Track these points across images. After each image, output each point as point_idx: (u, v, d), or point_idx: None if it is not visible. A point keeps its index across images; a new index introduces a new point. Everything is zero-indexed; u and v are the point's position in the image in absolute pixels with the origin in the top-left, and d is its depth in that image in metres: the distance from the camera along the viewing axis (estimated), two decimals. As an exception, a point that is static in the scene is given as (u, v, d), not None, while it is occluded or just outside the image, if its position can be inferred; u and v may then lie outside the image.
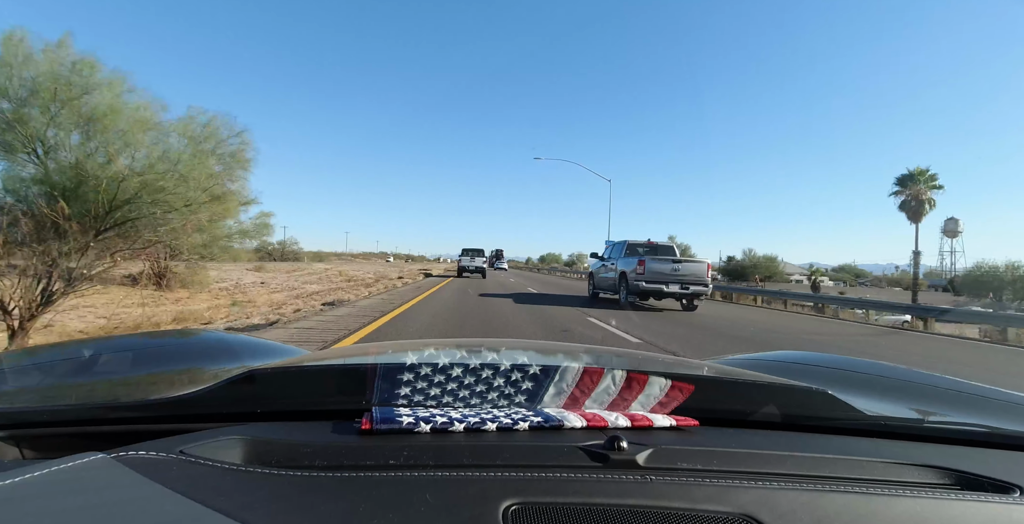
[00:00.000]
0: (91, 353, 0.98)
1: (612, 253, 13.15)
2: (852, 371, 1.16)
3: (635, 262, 11.03)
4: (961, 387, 1.04)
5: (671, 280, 10.78)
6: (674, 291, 10.84)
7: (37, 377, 0.86)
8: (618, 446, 0.54)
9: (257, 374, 0.65)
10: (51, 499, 0.41)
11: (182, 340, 1.28)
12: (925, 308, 13.31)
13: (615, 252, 12.92)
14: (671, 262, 10.96)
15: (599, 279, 13.70)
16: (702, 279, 10.96)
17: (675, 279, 10.80)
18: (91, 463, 0.47)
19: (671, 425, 0.66)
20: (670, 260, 11.05)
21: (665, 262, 10.94)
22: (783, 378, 0.85)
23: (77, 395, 0.74)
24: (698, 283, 10.95)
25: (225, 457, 0.51)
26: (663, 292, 10.82)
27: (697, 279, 10.93)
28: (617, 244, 13.11)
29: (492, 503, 0.44)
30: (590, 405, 0.69)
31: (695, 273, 10.98)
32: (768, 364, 1.23)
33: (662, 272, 10.78)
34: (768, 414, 0.72)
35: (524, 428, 0.60)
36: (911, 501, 0.51)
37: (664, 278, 10.75)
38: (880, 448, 0.66)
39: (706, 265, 11.08)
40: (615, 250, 13.00)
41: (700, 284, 10.97)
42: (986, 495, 0.54)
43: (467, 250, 25.73)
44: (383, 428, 0.57)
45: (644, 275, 10.77)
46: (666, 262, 10.94)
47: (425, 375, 0.67)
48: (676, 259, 11.14)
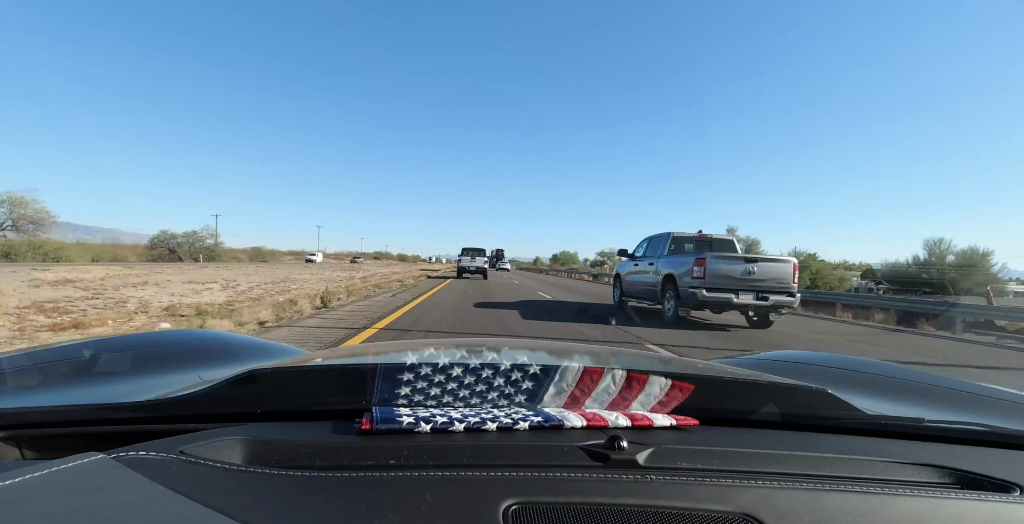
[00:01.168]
0: (91, 353, 0.98)
1: (650, 250, 10.09)
2: (852, 371, 1.16)
3: (690, 262, 8.07)
4: (961, 386, 1.04)
5: (743, 287, 7.83)
6: (746, 302, 7.84)
7: (37, 377, 0.86)
8: (618, 446, 0.54)
9: (257, 374, 0.65)
10: (51, 499, 0.41)
11: (182, 340, 1.28)
12: None
13: (654, 248, 9.93)
14: (743, 262, 7.93)
15: (629, 283, 10.81)
16: (786, 285, 7.99)
17: (749, 286, 7.84)
18: (91, 463, 0.47)
19: (671, 425, 0.66)
20: (741, 259, 8.03)
21: (734, 262, 7.95)
22: (783, 377, 0.85)
23: (77, 395, 0.74)
24: (781, 291, 7.96)
25: (225, 457, 0.51)
26: (731, 304, 7.83)
27: (780, 285, 7.95)
28: (657, 238, 10.01)
29: (492, 503, 0.44)
30: (590, 405, 0.69)
31: (777, 277, 7.96)
32: (768, 363, 1.23)
33: (731, 276, 7.83)
34: (768, 413, 0.72)
35: (524, 428, 0.60)
36: (911, 500, 0.51)
37: (733, 284, 7.82)
38: (880, 447, 0.66)
39: (792, 266, 8.08)
40: (654, 246, 9.99)
41: (783, 292, 7.97)
42: (986, 494, 0.54)
43: (467, 249, 24.60)
44: (383, 428, 0.57)
45: (705, 279, 7.78)
46: (735, 262, 7.95)
47: (425, 375, 0.67)
48: (749, 257, 8.09)
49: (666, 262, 9.00)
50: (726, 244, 9.81)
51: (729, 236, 10.24)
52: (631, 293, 10.73)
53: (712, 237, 9.77)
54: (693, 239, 9.66)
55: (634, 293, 10.55)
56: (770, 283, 7.93)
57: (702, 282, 7.83)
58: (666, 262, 9.00)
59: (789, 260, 8.14)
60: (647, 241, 10.51)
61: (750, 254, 8.56)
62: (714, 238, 9.76)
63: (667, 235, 9.68)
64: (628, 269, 11.01)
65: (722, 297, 7.79)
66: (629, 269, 10.92)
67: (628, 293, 10.91)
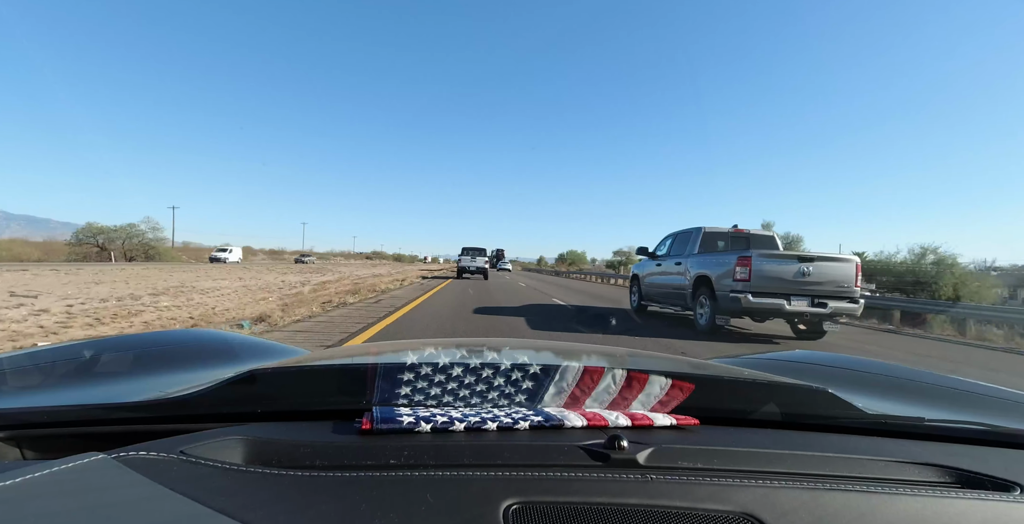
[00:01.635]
0: (91, 353, 0.98)
1: (675, 248, 8.88)
2: (853, 370, 1.16)
3: (730, 262, 6.80)
4: (961, 385, 1.04)
5: (795, 292, 6.59)
6: (800, 309, 6.57)
7: (38, 377, 0.86)
8: (619, 445, 0.54)
9: (258, 374, 0.65)
10: (52, 499, 0.41)
11: (183, 340, 1.28)
12: None
13: (681, 246, 8.67)
14: (796, 261, 6.64)
15: (650, 286, 9.49)
16: (848, 289, 6.66)
17: (802, 290, 6.60)
18: (92, 463, 0.47)
19: (672, 424, 0.66)
20: (794, 258, 6.71)
21: (785, 261, 6.67)
22: (784, 377, 0.85)
23: (78, 395, 0.74)
24: (841, 295, 6.65)
25: (226, 457, 0.51)
26: (782, 311, 6.59)
27: (839, 289, 6.65)
28: (684, 234, 8.77)
29: (493, 503, 0.44)
30: (591, 404, 0.69)
31: (837, 279, 6.65)
32: (769, 363, 1.23)
33: (781, 278, 6.56)
34: (769, 413, 0.72)
35: (525, 427, 0.60)
36: (911, 499, 0.51)
37: (784, 288, 6.56)
38: (880, 446, 0.66)
39: (854, 265, 6.73)
40: (680, 243, 8.75)
41: (844, 297, 6.65)
42: (986, 493, 0.54)
43: (467, 249, 24.04)
44: (384, 428, 0.57)
45: (750, 282, 6.52)
46: (787, 261, 6.66)
47: (425, 375, 0.67)
48: (804, 255, 6.78)
49: (698, 262, 7.76)
50: (766, 241, 8.42)
51: (768, 232, 8.81)
52: (652, 297, 9.47)
53: (749, 233, 8.42)
54: (727, 235, 8.34)
55: (656, 297, 9.28)
56: (828, 286, 6.63)
57: (746, 285, 6.55)
58: (698, 262, 7.76)
59: (850, 259, 6.80)
60: (671, 238, 9.20)
61: (803, 253, 6.97)
62: (752, 234, 8.43)
63: (697, 230, 8.35)
64: (649, 270, 9.63)
65: (771, 303, 6.51)
66: (650, 270, 9.55)
67: (649, 297, 9.63)
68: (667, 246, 9.30)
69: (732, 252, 7.29)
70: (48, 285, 12.39)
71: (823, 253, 6.96)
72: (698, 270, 7.62)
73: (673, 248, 9.00)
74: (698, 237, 8.26)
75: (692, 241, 8.34)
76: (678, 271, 8.33)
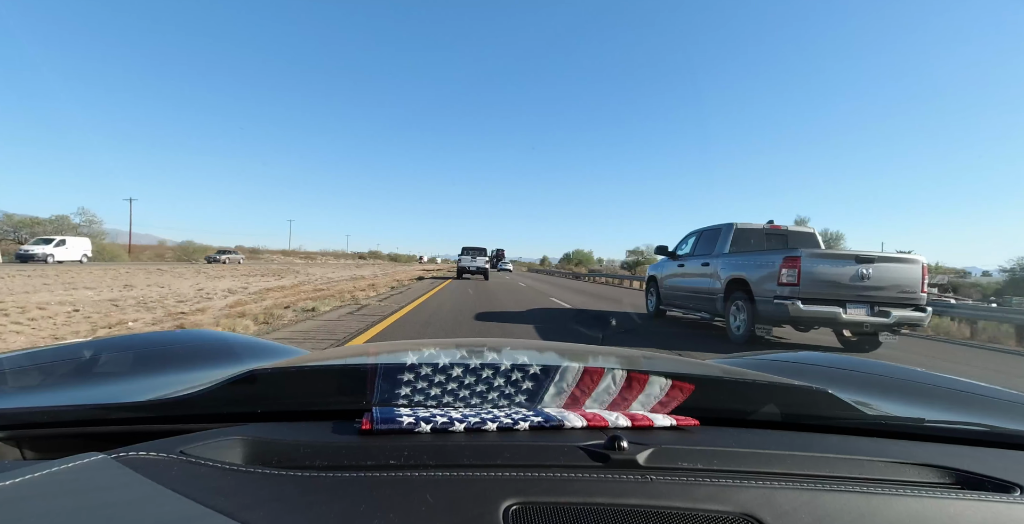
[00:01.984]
0: (91, 353, 0.98)
1: (700, 247, 7.90)
2: (853, 371, 1.16)
3: (774, 262, 5.86)
4: (961, 386, 1.04)
5: (852, 298, 5.66)
6: (858, 318, 5.64)
7: (37, 377, 0.86)
8: (619, 446, 0.54)
9: (258, 374, 0.65)
10: (52, 499, 0.41)
11: (183, 340, 1.28)
12: None
13: (707, 244, 7.71)
14: (853, 262, 5.68)
15: (670, 288, 8.57)
16: (913, 295, 5.73)
17: (860, 296, 5.66)
18: (92, 463, 0.47)
19: (671, 425, 0.66)
20: (851, 258, 5.72)
21: (840, 262, 5.70)
22: (783, 377, 0.85)
23: (78, 395, 0.74)
24: (906, 302, 5.73)
25: (225, 457, 0.51)
26: (838, 320, 5.64)
27: (904, 295, 5.72)
28: (711, 232, 7.79)
29: (493, 503, 0.45)
30: (590, 405, 0.69)
31: (901, 284, 5.71)
32: (769, 363, 1.23)
33: (836, 281, 5.64)
34: (768, 413, 0.72)
35: (524, 428, 0.60)
36: (911, 500, 0.51)
37: (839, 293, 5.66)
38: (880, 447, 0.66)
39: (920, 267, 5.80)
40: (707, 241, 7.78)
41: (909, 305, 5.73)
42: (986, 494, 0.54)
43: (467, 249, 23.77)
44: (383, 428, 0.57)
45: (799, 286, 5.62)
46: (842, 262, 5.70)
47: (425, 375, 0.67)
48: (862, 255, 5.72)
49: (731, 262, 6.81)
50: (806, 239, 7.40)
51: (808, 228, 7.75)
52: (673, 301, 8.51)
53: (787, 230, 7.46)
54: (761, 233, 7.36)
55: (678, 301, 8.32)
56: (890, 292, 5.68)
57: (794, 290, 5.62)
58: (731, 262, 6.81)
59: (916, 259, 5.84)
60: (695, 235, 8.25)
61: (860, 251, 5.85)
62: (790, 231, 7.48)
63: (727, 227, 7.37)
64: (669, 271, 8.69)
65: (824, 312, 5.55)
66: (670, 271, 8.61)
67: (668, 301, 8.68)
68: (690, 245, 8.32)
69: (775, 251, 6.20)
70: None
71: (885, 253, 5.89)
72: (732, 272, 6.65)
73: (698, 247, 8.01)
74: (729, 235, 7.27)
75: (722, 239, 7.36)
76: (705, 273, 7.42)
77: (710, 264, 7.35)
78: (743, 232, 7.36)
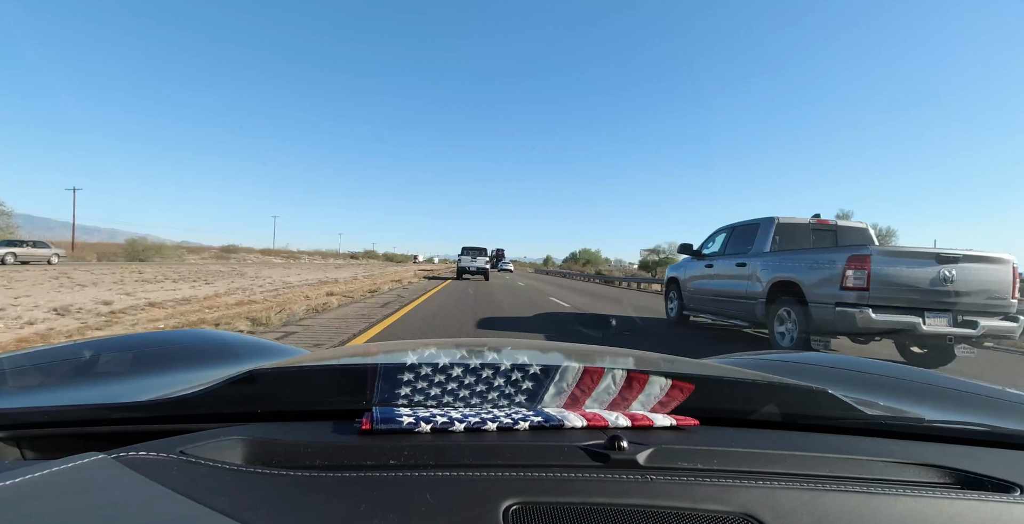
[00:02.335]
0: (91, 353, 0.98)
1: (733, 245, 7.00)
2: (853, 370, 1.16)
3: (835, 262, 4.98)
4: (961, 386, 1.04)
5: (932, 305, 4.78)
6: (940, 330, 4.73)
7: (38, 377, 0.86)
8: (619, 446, 0.54)
9: (258, 374, 0.65)
10: (52, 499, 0.41)
11: (183, 340, 1.28)
12: None
13: (742, 242, 6.77)
14: (933, 262, 4.77)
15: (695, 291, 7.71)
16: (1003, 302, 4.86)
17: (941, 302, 4.78)
18: (92, 463, 0.47)
19: (671, 425, 0.66)
20: (931, 257, 4.78)
21: (919, 262, 4.78)
22: (783, 377, 0.85)
23: (77, 396, 0.74)
24: (995, 311, 4.86)
25: (226, 457, 0.51)
26: (917, 332, 4.71)
27: (993, 302, 4.85)
28: (746, 227, 6.85)
29: (493, 503, 0.45)
30: (590, 405, 0.69)
31: (989, 288, 4.83)
32: (769, 363, 1.23)
33: (913, 285, 4.75)
34: (768, 413, 0.72)
35: (524, 428, 0.60)
36: (911, 500, 0.51)
37: (917, 299, 4.77)
38: (880, 447, 0.66)
39: (1011, 268, 4.92)
40: (742, 238, 6.83)
41: (998, 313, 4.87)
42: (986, 494, 0.54)
43: (467, 249, 23.49)
44: (383, 428, 0.57)
45: (869, 291, 4.73)
46: (920, 262, 4.78)
47: (425, 375, 0.67)
48: (944, 254, 4.79)
49: (774, 262, 5.89)
50: (858, 234, 6.46)
51: (860, 223, 6.72)
52: (699, 306, 7.61)
53: (836, 225, 6.46)
54: (807, 228, 6.41)
55: (705, 306, 7.43)
56: (977, 298, 4.77)
57: (862, 296, 4.72)
58: (774, 262, 5.89)
59: (1006, 259, 4.88)
60: (726, 232, 7.34)
61: (941, 250, 4.84)
62: (839, 226, 6.49)
63: (767, 222, 6.43)
64: (693, 272, 7.85)
65: (899, 322, 4.64)
66: (695, 272, 7.78)
67: (694, 306, 7.77)
68: (719, 243, 7.41)
69: (836, 249, 5.35)
70: None
71: (970, 251, 4.89)
72: (777, 274, 5.75)
73: (729, 245, 7.08)
74: (769, 230, 6.31)
75: (760, 236, 6.42)
76: (741, 274, 6.47)
77: (747, 264, 6.40)
78: (786, 228, 6.38)
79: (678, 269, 8.56)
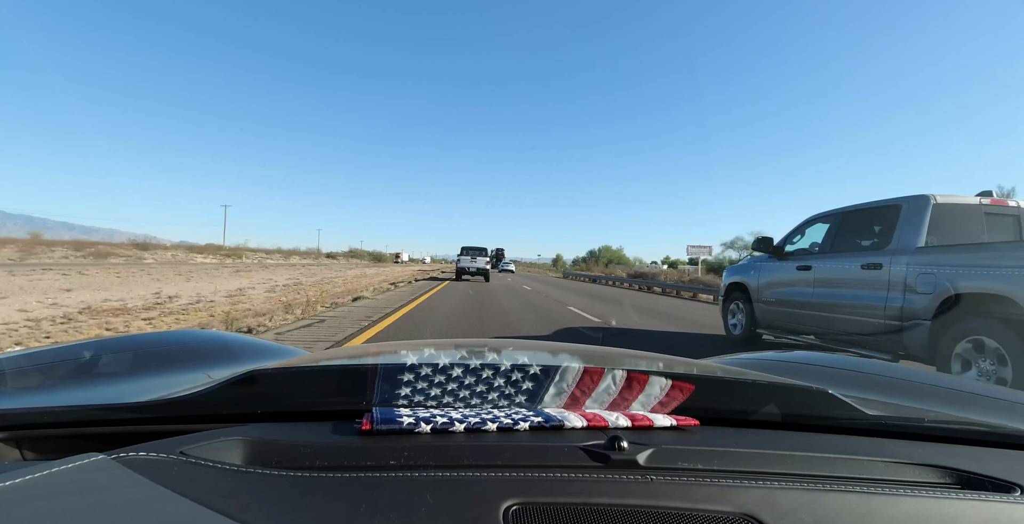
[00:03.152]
0: (91, 354, 0.98)
1: (845, 238, 5.13)
2: (853, 370, 1.16)
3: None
4: (961, 386, 1.04)
5: None
6: None
7: (37, 378, 0.86)
8: (619, 446, 0.54)
9: (258, 374, 0.65)
10: (52, 500, 0.41)
11: (183, 340, 1.28)
12: None
13: (865, 232, 4.98)
14: None
15: (778, 302, 5.74)
16: None
17: None
18: (91, 464, 0.47)
19: (671, 425, 0.66)
20: None
21: None
22: (784, 377, 0.85)
23: (77, 396, 0.74)
24: None
25: (225, 458, 0.51)
26: None
27: None
28: (876, 210, 4.86)
29: (493, 503, 0.45)
30: (591, 405, 0.69)
31: None
32: (769, 363, 1.23)
33: None
34: (769, 413, 0.72)
35: (525, 428, 0.60)
36: (911, 500, 0.51)
37: None
38: (881, 447, 0.66)
39: None
40: (863, 227, 5.02)
41: None
42: (986, 494, 0.54)
43: (467, 249, 22.99)
44: (383, 428, 0.57)
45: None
46: None
47: (425, 375, 0.67)
48: None
49: (950, 262, 3.86)
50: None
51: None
52: (784, 322, 5.65)
53: (1021, 207, 4.49)
54: (977, 211, 4.38)
55: (798, 323, 5.40)
56: None
57: None
58: (950, 262, 3.86)
59: None
60: (831, 220, 5.37)
61: None
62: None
63: (918, 202, 4.37)
64: (772, 276, 5.91)
65: None
66: (775, 276, 5.85)
67: (774, 321, 5.82)
68: (817, 236, 5.54)
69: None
70: None
71: None
72: (956, 282, 3.74)
73: (838, 239, 5.16)
74: (922, 216, 4.28)
75: (904, 224, 4.39)
76: (871, 280, 4.51)
77: (884, 265, 4.40)
78: (946, 211, 4.32)
79: (744, 272, 6.49)
